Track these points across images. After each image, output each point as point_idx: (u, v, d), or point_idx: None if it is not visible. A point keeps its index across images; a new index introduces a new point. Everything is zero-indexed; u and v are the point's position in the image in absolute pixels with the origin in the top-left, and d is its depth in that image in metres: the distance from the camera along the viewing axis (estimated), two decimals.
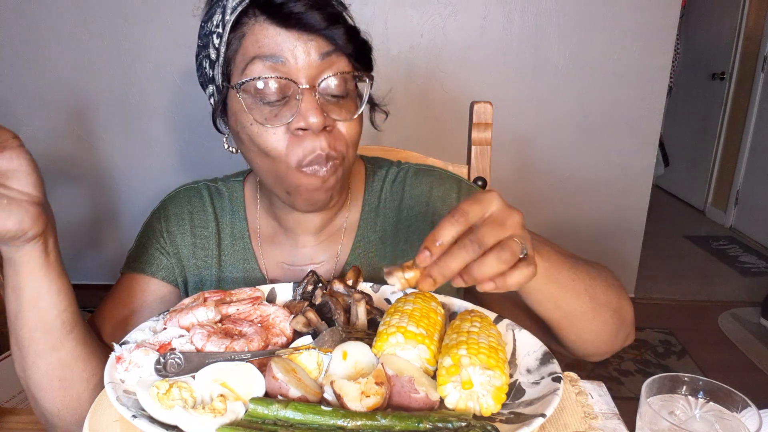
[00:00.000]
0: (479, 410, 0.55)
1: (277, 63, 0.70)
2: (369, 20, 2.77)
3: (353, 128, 0.76)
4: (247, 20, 0.72)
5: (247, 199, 0.92)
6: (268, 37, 0.70)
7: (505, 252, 0.53)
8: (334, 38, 0.71)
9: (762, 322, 2.93)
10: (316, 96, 0.71)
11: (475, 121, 1.14)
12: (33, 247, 0.60)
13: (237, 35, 0.72)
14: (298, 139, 0.72)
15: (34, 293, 0.63)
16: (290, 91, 0.71)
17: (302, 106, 0.70)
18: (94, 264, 3.10)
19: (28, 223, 0.56)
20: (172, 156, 2.99)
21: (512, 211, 0.56)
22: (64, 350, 0.67)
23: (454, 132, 2.75)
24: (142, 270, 0.86)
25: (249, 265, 0.89)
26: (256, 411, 0.51)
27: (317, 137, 0.71)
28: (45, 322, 0.64)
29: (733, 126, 4.31)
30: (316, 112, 0.69)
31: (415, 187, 0.90)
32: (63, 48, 2.76)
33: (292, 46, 0.70)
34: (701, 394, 0.58)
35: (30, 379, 0.68)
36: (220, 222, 0.91)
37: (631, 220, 3.06)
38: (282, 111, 0.72)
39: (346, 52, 0.73)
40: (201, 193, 0.92)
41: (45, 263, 0.62)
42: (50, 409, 0.69)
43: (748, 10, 4.14)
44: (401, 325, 0.60)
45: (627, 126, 2.91)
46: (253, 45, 0.71)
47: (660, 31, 2.75)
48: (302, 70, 0.70)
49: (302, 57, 0.70)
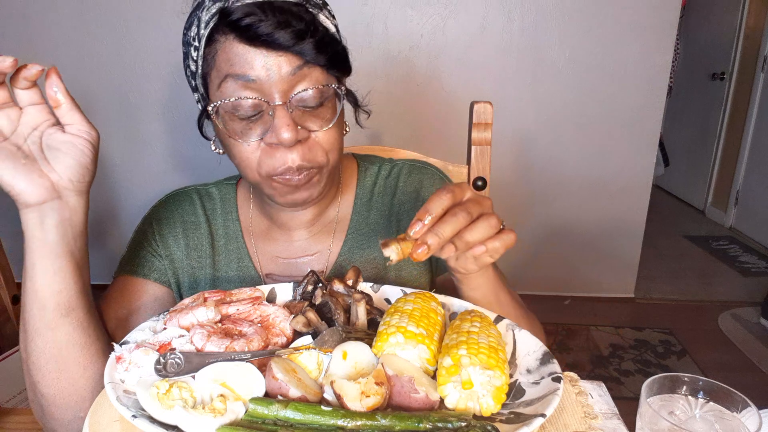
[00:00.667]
0: (479, 410, 0.55)
1: (248, 81, 0.71)
2: (369, 20, 2.77)
3: (332, 135, 0.77)
4: (219, 37, 0.73)
5: (240, 200, 0.95)
6: (238, 55, 0.71)
7: (492, 219, 0.63)
8: (304, 53, 0.72)
9: (762, 322, 2.93)
10: (289, 110, 0.72)
11: (475, 121, 1.14)
12: (28, 215, 0.62)
13: (211, 51, 0.74)
14: (271, 150, 0.75)
15: (30, 264, 0.65)
16: (264, 107, 0.73)
17: (275, 122, 0.72)
18: (94, 264, 3.07)
19: (21, 185, 0.60)
20: (172, 156, 2.99)
21: (484, 198, 0.65)
22: (59, 332, 0.67)
23: (454, 132, 2.75)
24: (134, 272, 0.88)
25: (243, 264, 0.91)
26: (256, 411, 0.51)
27: (289, 150, 0.74)
28: (39, 299, 0.66)
29: (733, 126, 4.31)
30: (288, 128, 0.71)
31: (408, 182, 0.95)
32: (63, 48, 2.76)
33: (262, 64, 0.71)
34: (701, 394, 0.58)
35: (29, 358, 0.68)
36: (212, 223, 0.93)
37: (631, 220, 3.06)
38: (256, 126, 0.74)
39: (318, 64, 0.74)
40: (191, 197, 0.95)
41: (40, 238, 0.63)
42: (46, 395, 0.69)
43: (748, 10, 4.14)
44: (401, 325, 0.60)
45: (627, 126, 2.91)
46: (225, 63, 0.72)
47: (660, 31, 2.75)
48: (274, 86, 0.71)
49: (273, 74, 0.71)
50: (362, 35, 2.78)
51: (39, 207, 0.62)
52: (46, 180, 0.62)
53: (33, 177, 0.61)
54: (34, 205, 0.62)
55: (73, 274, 0.67)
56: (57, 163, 0.62)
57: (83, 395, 0.69)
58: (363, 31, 2.77)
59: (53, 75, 0.62)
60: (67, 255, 0.66)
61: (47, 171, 0.62)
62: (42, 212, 0.62)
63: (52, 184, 0.62)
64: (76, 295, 0.68)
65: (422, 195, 0.93)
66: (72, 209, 0.65)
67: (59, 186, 0.63)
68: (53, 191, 0.62)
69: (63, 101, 0.63)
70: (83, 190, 0.65)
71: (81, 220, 0.66)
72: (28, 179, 0.60)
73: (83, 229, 0.68)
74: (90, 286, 0.71)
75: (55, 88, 0.62)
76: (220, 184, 0.98)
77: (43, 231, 0.63)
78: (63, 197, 0.63)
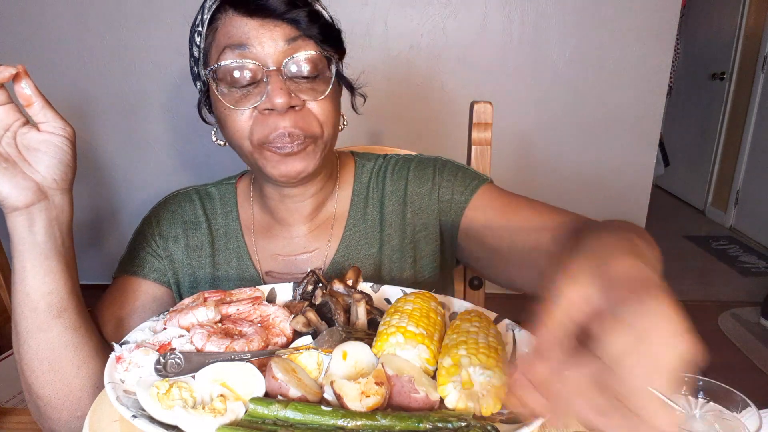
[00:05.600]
0: (479, 410, 0.55)
1: (244, 51, 0.74)
2: (369, 20, 2.77)
3: (326, 106, 0.78)
4: (220, 15, 0.77)
5: (240, 199, 0.96)
6: (235, 27, 0.75)
7: None
8: (298, 21, 0.75)
9: (762, 322, 2.93)
10: (282, 77, 0.74)
11: (475, 121, 1.14)
12: (16, 218, 0.62)
13: (212, 30, 0.78)
14: (263, 118, 0.76)
15: (20, 267, 0.65)
16: (259, 75, 0.75)
17: (269, 87, 0.74)
18: (94, 264, 3.09)
19: (6, 190, 0.60)
20: (172, 156, 2.99)
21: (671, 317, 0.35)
22: (51, 333, 0.67)
23: (454, 132, 2.75)
24: (134, 272, 0.88)
25: (243, 262, 0.91)
26: (256, 411, 0.51)
27: (282, 117, 0.75)
28: (30, 300, 0.66)
29: (733, 126, 4.31)
30: (281, 93, 0.73)
31: (395, 175, 0.94)
32: (63, 48, 2.76)
33: (258, 34, 0.74)
34: (701, 394, 0.58)
35: (23, 360, 0.68)
36: (212, 223, 0.94)
37: (631, 220, 3.03)
38: (251, 94, 0.76)
39: (311, 35, 0.76)
40: (191, 197, 0.96)
41: (30, 240, 0.63)
42: (41, 396, 0.69)
43: (748, 10, 4.14)
44: (401, 325, 0.60)
45: (627, 126, 2.91)
46: (224, 36, 0.76)
47: (660, 31, 2.75)
48: (268, 56, 0.74)
49: (268, 43, 0.74)
50: (362, 35, 2.78)
51: (27, 210, 0.62)
52: (30, 182, 0.61)
53: (17, 180, 0.60)
54: (22, 209, 0.62)
55: (63, 274, 0.67)
56: (39, 164, 0.62)
57: (78, 395, 0.69)
58: (363, 31, 2.77)
59: (22, 74, 0.61)
60: (57, 255, 0.66)
61: (30, 173, 0.62)
62: (30, 215, 0.62)
63: (37, 185, 0.62)
64: (67, 296, 0.68)
65: (409, 183, 0.92)
66: (59, 208, 0.65)
67: (44, 186, 0.63)
68: (39, 192, 0.62)
69: (35, 99, 0.62)
70: (67, 188, 0.65)
71: (67, 218, 0.67)
72: (12, 183, 0.60)
73: (70, 227, 0.68)
74: (79, 286, 0.71)
75: (24, 85, 0.61)
76: (219, 184, 0.98)
77: (32, 233, 0.63)
78: (49, 197, 0.63)
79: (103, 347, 0.73)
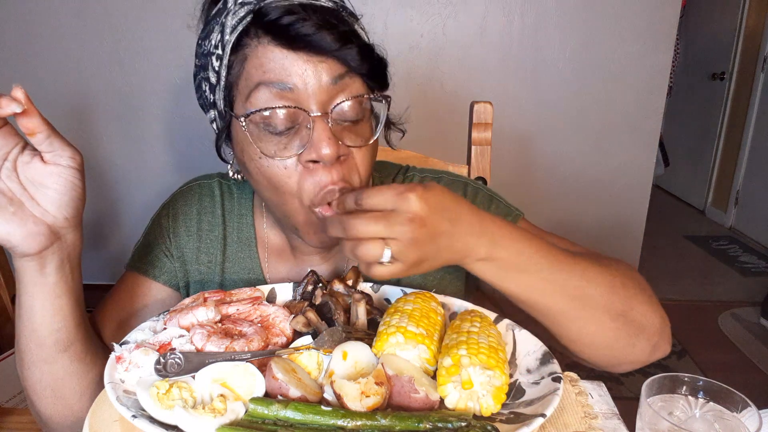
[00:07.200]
0: (479, 410, 0.55)
1: (284, 90, 0.64)
2: (369, 20, 2.76)
3: (369, 154, 0.70)
4: (249, 41, 0.65)
5: (256, 204, 0.89)
6: (273, 60, 0.64)
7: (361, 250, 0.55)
8: (347, 59, 0.65)
9: (762, 322, 2.93)
10: (329, 123, 0.65)
11: (475, 121, 1.14)
12: (27, 263, 0.58)
13: (239, 58, 0.66)
14: (309, 172, 0.66)
15: (28, 306, 0.62)
16: (300, 119, 0.65)
17: (314, 135, 0.64)
18: (95, 264, 3.09)
19: (17, 238, 0.54)
20: (173, 156, 2.99)
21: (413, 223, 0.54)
22: (57, 365, 0.66)
23: (454, 132, 2.75)
24: (146, 272, 0.85)
25: (254, 276, 0.87)
26: (256, 411, 0.51)
27: (330, 170, 0.65)
28: (38, 336, 0.63)
29: (733, 126, 4.31)
30: (329, 142, 0.63)
31: None
32: (62, 48, 2.76)
33: (301, 71, 0.63)
34: (701, 394, 0.58)
35: (26, 381, 0.68)
36: (228, 225, 0.88)
37: (631, 220, 3.06)
38: (292, 141, 0.66)
39: (360, 73, 0.67)
40: (213, 191, 0.89)
41: (41, 282, 0.60)
42: (42, 414, 0.70)
43: (748, 10, 4.14)
44: (401, 325, 0.60)
45: (627, 126, 2.91)
46: (258, 69, 0.64)
47: (660, 31, 2.75)
48: (313, 96, 0.64)
49: (312, 82, 0.64)
50: None
51: (40, 255, 0.57)
52: (42, 226, 0.55)
53: (28, 226, 0.54)
54: (33, 255, 0.57)
55: (72, 310, 0.64)
56: (48, 203, 0.55)
57: (79, 416, 0.68)
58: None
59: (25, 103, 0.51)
60: (67, 293, 0.62)
61: (40, 215, 0.55)
62: (42, 259, 0.58)
63: (48, 228, 0.56)
64: (74, 330, 0.65)
65: None
66: (71, 245, 0.60)
67: (56, 228, 0.57)
68: (52, 236, 0.57)
69: (39, 129, 0.53)
70: (78, 223, 0.60)
71: (78, 253, 0.62)
72: (24, 231, 0.54)
73: (79, 260, 0.63)
74: (86, 314, 0.69)
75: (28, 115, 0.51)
76: (240, 181, 0.89)
77: (43, 275, 0.59)
78: (62, 238, 0.58)
79: None
